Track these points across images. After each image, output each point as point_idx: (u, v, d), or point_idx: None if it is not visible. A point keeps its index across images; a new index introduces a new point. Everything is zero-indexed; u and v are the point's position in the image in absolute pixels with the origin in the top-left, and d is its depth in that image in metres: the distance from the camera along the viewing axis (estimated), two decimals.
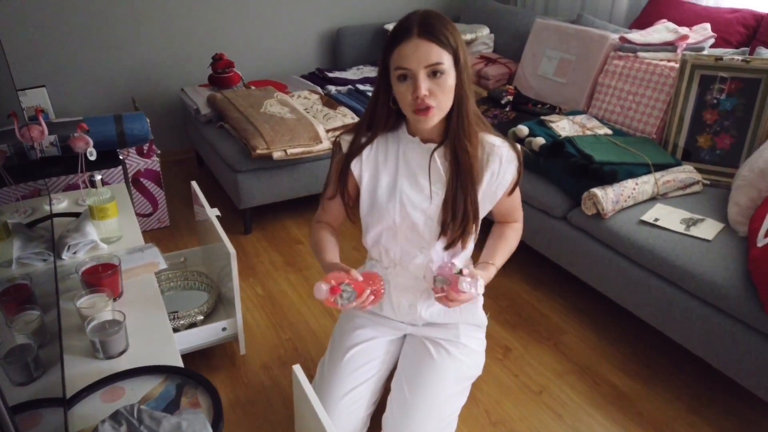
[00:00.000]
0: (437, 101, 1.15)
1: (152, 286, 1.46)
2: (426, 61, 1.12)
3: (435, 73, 1.13)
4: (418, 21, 1.13)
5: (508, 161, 1.29)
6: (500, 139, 1.29)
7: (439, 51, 1.12)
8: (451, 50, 1.14)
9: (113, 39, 3.11)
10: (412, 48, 1.12)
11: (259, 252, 2.57)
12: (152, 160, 2.59)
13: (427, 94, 1.14)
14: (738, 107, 2.14)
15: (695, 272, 1.71)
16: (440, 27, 1.13)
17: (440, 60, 1.12)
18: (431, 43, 1.12)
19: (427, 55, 1.11)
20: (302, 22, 3.57)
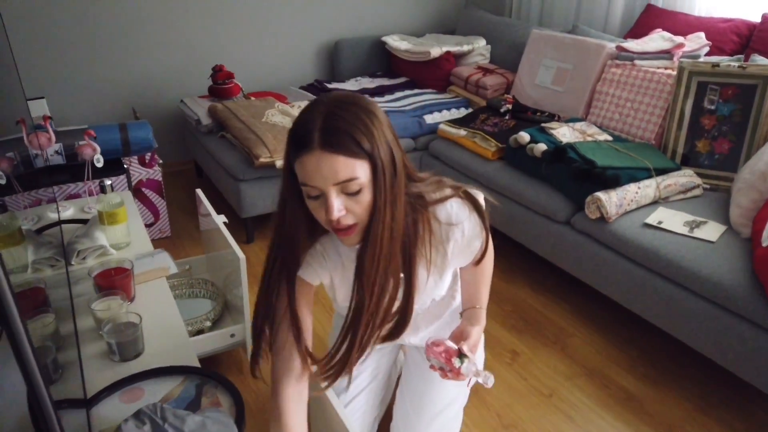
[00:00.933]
0: (357, 218, 0.93)
1: (164, 290, 1.45)
2: (334, 179, 0.88)
3: (348, 189, 0.90)
4: (320, 125, 0.87)
5: (471, 237, 1.09)
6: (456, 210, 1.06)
7: (348, 164, 0.87)
8: (366, 157, 0.89)
9: (113, 50, 3.12)
10: (314, 163, 0.87)
11: (262, 261, 2.55)
12: (154, 170, 2.59)
13: (343, 213, 0.91)
14: (735, 112, 2.18)
15: (701, 273, 1.73)
16: (350, 130, 0.87)
17: (352, 176, 0.88)
18: (337, 155, 0.87)
19: (334, 171, 0.87)
20: (300, 34, 3.60)
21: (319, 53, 3.71)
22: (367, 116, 0.91)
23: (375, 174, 0.91)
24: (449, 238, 1.07)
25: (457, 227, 1.06)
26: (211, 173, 2.93)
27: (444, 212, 1.05)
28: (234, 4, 3.34)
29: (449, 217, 1.05)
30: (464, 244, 1.10)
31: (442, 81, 3.36)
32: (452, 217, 1.06)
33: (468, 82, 3.20)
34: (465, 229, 1.07)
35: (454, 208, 1.06)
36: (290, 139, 0.93)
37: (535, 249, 2.32)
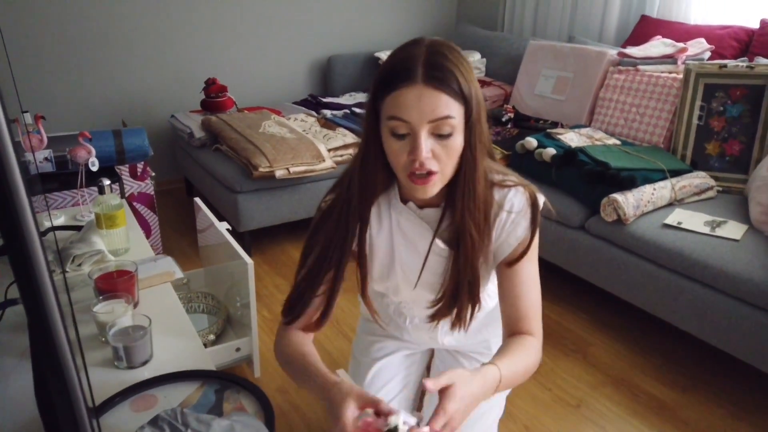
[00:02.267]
0: (441, 166, 0.87)
1: (170, 295, 1.33)
2: (431, 115, 0.83)
3: (440, 134, 0.85)
4: (424, 60, 0.83)
5: (518, 213, 0.96)
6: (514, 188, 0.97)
7: (448, 102, 0.83)
8: (464, 101, 0.85)
9: (102, 65, 3.02)
10: (414, 97, 0.82)
11: (261, 276, 2.44)
12: (146, 183, 2.46)
13: (429, 156, 0.85)
14: (744, 113, 2.16)
15: (730, 272, 1.67)
16: (453, 69, 0.84)
17: (449, 113, 0.83)
18: (439, 92, 0.82)
19: (433, 107, 0.82)
20: (293, 49, 3.55)
21: (312, 68, 3.66)
22: (466, 62, 0.87)
23: (469, 121, 0.86)
24: (498, 221, 0.98)
25: (508, 214, 0.97)
26: (205, 188, 2.82)
27: (503, 196, 0.97)
28: (226, 20, 3.28)
29: (508, 204, 0.96)
30: (510, 229, 0.98)
31: None
32: (511, 204, 0.97)
33: None
34: (514, 205, 0.97)
35: (516, 200, 0.96)
36: (385, 73, 0.87)
37: (548, 257, 2.24)
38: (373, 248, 1.05)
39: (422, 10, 3.89)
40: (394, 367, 1.34)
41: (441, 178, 0.89)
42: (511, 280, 0.98)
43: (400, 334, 1.29)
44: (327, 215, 0.99)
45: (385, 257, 1.06)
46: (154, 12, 3.07)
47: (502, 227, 0.97)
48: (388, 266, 1.07)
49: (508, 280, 0.98)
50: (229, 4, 3.26)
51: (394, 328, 1.27)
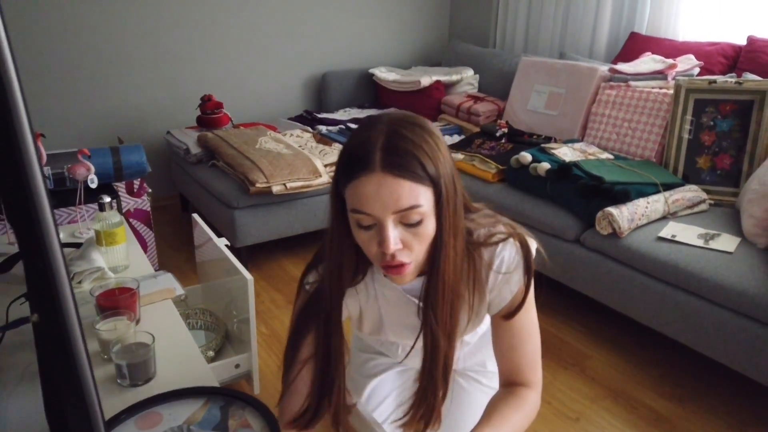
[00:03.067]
0: (414, 255, 0.81)
1: (172, 312, 1.33)
2: (395, 207, 0.76)
3: (409, 220, 0.78)
4: (381, 144, 0.76)
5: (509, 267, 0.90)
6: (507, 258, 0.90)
7: (412, 190, 0.76)
8: (431, 183, 0.78)
9: (98, 82, 3.03)
10: (374, 187, 0.75)
11: (258, 291, 2.44)
12: (142, 200, 2.47)
13: (399, 248, 0.79)
14: (734, 128, 2.20)
15: (725, 283, 1.69)
16: (415, 151, 0.76)
17: (415, 202, 0.76)
18: (401, 180, 0.75)
19: (395, 198, 0.76)
20: (288, 66, 3.58)
21: (307, 85, 3.69)
22: (431, 137, 0.79)
23: (439, 203, 0.79)
24: (489, 281, 0.92)
25: (496, 274, 0.91)
26: (201, 204, 2.82)
27: (492, 255, 0.90)
28: (222, 37, 3.31)
29: (498, 265, 0.90)
30: (501, 285, 0.92)
31: (432, 110, 3.36)
32: (501, 264, 0.90)
33: (459, 110, 3.20)
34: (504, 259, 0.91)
35: (506, 254, 0.90)
36: (344, 160, 0.80)
37: (544, 271, 2.25)
38: (363, 315, 1.03)
39: (415, 27, 3.94)
40: (389, 384, 1.32)
41: (415, 266, 0.84)
42: (507, 333, 0.94)
43: (395, 357, 1.28)
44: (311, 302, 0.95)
45: (376, 323, 1.04)
46: (149, 29, 3.09)
47: (493, 286, 0.92)
48: (378, 329, 1.05)
49: (504, 333, 0.94)
50: (225, 22, 3.29)
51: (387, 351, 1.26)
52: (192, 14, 3.18)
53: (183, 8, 3.15)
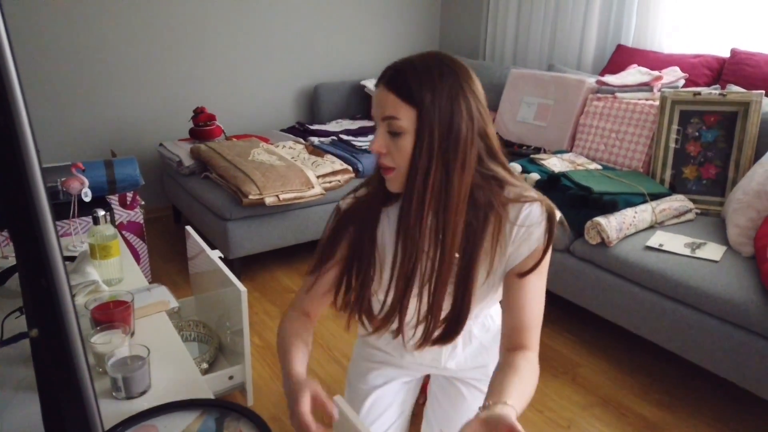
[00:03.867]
0: (396, 162, 0.93)
1: (166, 325, 1.34)
2: (381, 113, 0.92)
3: (391, 128, 0.92)
4: (395, 65, 0.94)
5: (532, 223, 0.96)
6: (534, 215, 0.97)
7: (396, 104, 0.90)
8: (415, 106, 0.89)
9: (90, 94, 3.04)
10: (376, 96, 0.94)
11: (252, 303, 2.44)
12: (135, 212, 2.48)
13: (383, 152, 0.94)
14: (719, 138, 2.25)
15: (711, 292, 1.72)
16: (412, 76, 0.90)
17: (394, 114, 0.90)
18: (389, 93, 0.91)
19: (382, 106, 0.92)
20: (281, 78, 3.61)
21: (299, 96, 3.72)
22: (440, 73, 0.90)
23: (421, 125, 0.90)
24: (513, 237, 0.98)
25: (520, 228, 0.97)
26: (193, 216, 2.83)
27: (520, 212, 0.97)
28: (213, 49, 3.33)
29: (523, 219, 0.96)
30: (522, 240, 0.97)
31: None
32: (526, 219, 0.96)
33: None
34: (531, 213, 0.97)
35: (531, 211, 0.96)
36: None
37: None
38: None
39: (406, 39, 3.98)
40: (390, 396, 1.33)
41: (398, 174, 0.94)
42: (519, 291, 0.99)
43: (400, 357, 1.27)
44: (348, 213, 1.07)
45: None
46: (142, 42, 3.11)
47: (515, 239, 0.97)
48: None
49: (516, 291, 0.99)
50: (217, 35, 3.32)
51: (393, 350, 1.27)
52: (185, 27, 3.21)
53: (175, 21, 3.18)
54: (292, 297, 2.50)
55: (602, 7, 3.14)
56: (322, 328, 2.26)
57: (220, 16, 3.30)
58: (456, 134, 0.91)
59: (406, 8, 3.94)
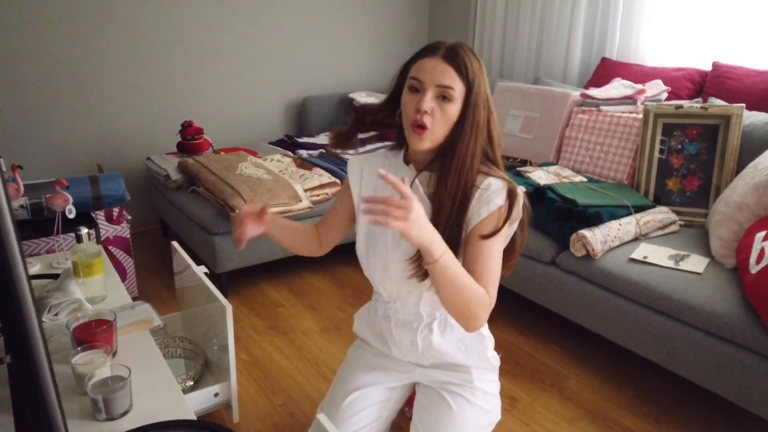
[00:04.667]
0: (434, 124, 1.12)
1: (149, 344, 1.34)
2: (439, 80, 1.11)
3: (444, 97, 1.12)
4: (447, 45, 1.14)
5: (493, 191, 1.14)
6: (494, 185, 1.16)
7: (454, 76, 1.11)
8: (467, 82, 1.12)
9: (77, 107, 3.03)
10: (432, 65, 1.12)
11: (239, 318, 2.43)
12: (121, 227, 2.46)
13: (428, 112, 1.11)
14: (702, 151, 2.28)
15: (694, 304, 1.73)
16: (465, 57, 1.13)
17: (452, 85, 1.11)
18: (450, 66, 1.11)
19: (442, 75, 1.11)
20: (269, 91, 3.62)
21: (288, 109, 3.73)
22: (480, 62, 1.15)
23: (468, 99, 1.12)
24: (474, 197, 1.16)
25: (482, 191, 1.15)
26: (181, 230, 2.82)
27: (483, 180, 1.15)
28: (201, 62, 3.34)
29: (485, 186, 1.15)
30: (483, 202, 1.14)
31: None
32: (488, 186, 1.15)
33: None
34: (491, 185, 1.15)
35: (493, 182, 1.15)
36: (421, 49, 1.18)
37: (521, 292, 2.29)
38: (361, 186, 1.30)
39: (394, 52, 4.01)
40: (371, 398, 1.38)
41: (431, 135, 1.13)
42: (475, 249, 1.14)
43: (387, 350, 1.39)
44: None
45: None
46: (128, 55, 3.11)
47: (476, 202, 1.15)
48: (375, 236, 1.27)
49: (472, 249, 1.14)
50: (205, 47, 3.33)
51: (383, 344, 1.39)
52: (172, 40, 3.22)
53: (163, 34, 3.18)
54: (281, 311, 2.49)
55: (587, 21, 3.18)
56: (310, 343, 2.25)
57: (208, 28, 3.31)
58: (486, 114, 1.14)
59: (394, 22, 3.97)
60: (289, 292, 2.66)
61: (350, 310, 2.48)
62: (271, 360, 2.14)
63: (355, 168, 1.34)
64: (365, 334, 1.47)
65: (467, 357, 1.37)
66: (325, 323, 2.40)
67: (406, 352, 1.38)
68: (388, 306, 1.36)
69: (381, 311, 1.38)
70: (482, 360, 1.40)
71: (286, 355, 2.17)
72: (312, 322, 2.41)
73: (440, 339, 1.32)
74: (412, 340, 1.35)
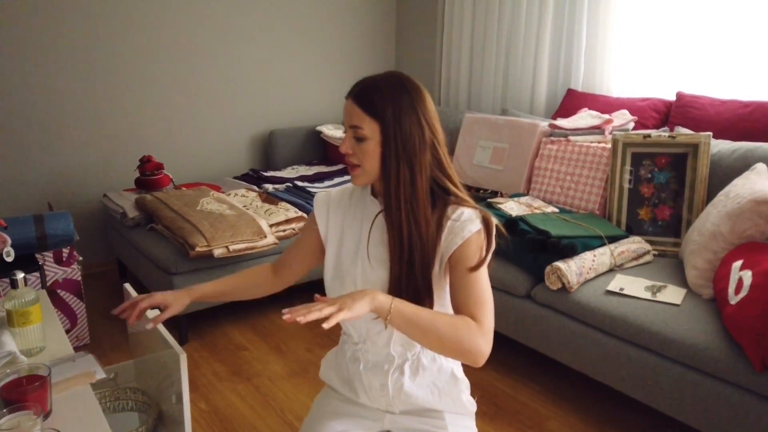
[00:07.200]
0: (363, 161, 1.13)
1: (89, 400, 1.20)
2: (349, 121, 1.12)
3: (355, 134, 1.12)
4: (359, 84, 1.14)
5: (466, 220, 1.11)
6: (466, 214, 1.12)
7: (362, 116, 1.11)
8: (379, 119, 1.10)
9: (27, 142, 2.88)
10: (347, 106, 1.14)
11: (199, 363, 2.28)
12: (72, 269, 2.31)
13: (349, 152, 1.14)
14: (671, 180, 2.27)
15: (674, 337, 1.68)
16: (374, 95, 1.11)
17: (360, 125, 1.11)
18: (356, 106, 1.12)
19: (350, 116, 1.12)
20: (234, 124, 3.53)
21: (253, 143, 3.64)
22: (400, 92, 1.11)
23: (384, 134, 1.10)
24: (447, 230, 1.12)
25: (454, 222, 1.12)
26: (139, 270, 2.67)
27: (455, 211, 1.13)
28: (162, 94, 3.24)
29: (458, 216, 1.12)
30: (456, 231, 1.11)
31: None
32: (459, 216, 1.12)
33: None
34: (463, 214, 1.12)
35: (465, 211, 1.12)
36: None
37: (496, 327, 2.19)
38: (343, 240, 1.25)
39: None
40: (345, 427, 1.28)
41: (363, 173, 1.13)
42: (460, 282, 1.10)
43: (355, 396, 1.30)
44: None
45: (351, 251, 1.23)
46: (83, 88, 2.99)
47: (448, 232, 1.12)
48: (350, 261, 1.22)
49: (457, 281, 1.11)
50: (166, 78, 3.23)
51: (350, 390, 1.30)
52: (131, 71, 3.11)
53: (121, 64, 3.08)
54: (245, 355, 2.35)
55: (551, 53, 3.21)
56: (276, 389, 2.11)
57: (168, 59, 3.22)
58: (412, 143, 1.10)
59: (360, 55, 3.95)
60: (254, 333, 2.52)
61: (319, 351, 2.36)
62: (233, 409, 1.99)
63: (321, 203, 1.29)
64: (332, 380, 1.37)
65: (441, 401, 1.29)
66: (292, 366, 2.26)
67: (375, 398, 1.29)
68: (358, 347, 1.28)
69: (350, 353, 1.29)
70: (457, 404, 1.31)
71: (250, 404, 2.02)
72: (278, 365, 2.27)
73: (411, 383, 1.24)
74: (382, 384, 1.26)
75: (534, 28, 3.22)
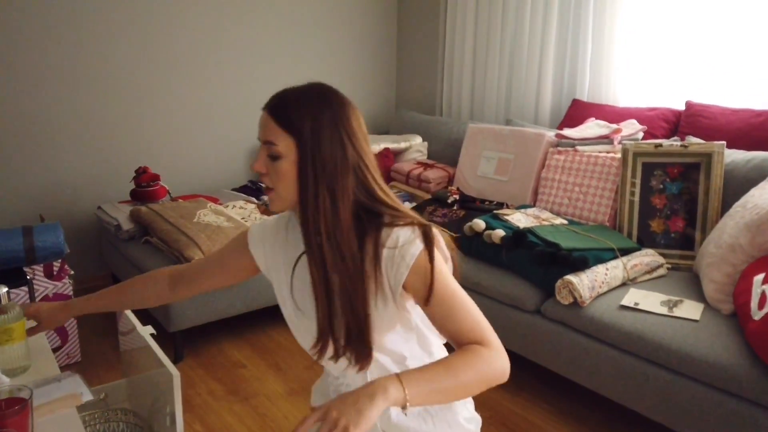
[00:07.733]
0: (276, 184, 0.97)
1: (74, 424, 1.11)
2: (262, 136, 0.97)
3: (269, 152, 0.95)
4: (277, 95, 0.99)
5: (404, 244, 0.95)
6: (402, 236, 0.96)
7: (274, 131, 0.95)
8: (295, 135, 0.94)
9: (18, 153, 2.81)
10: (261, 118, 0.98)
11: (195, 382, 2.19)
12: (63, 283, 2.22)
13: (263, 171, 0.97)
14: (684, 190, 2.20)
15: (695, 355, 1.59)
16: (291, 108, 0.96)
17: (273, 140, 0.95)
18: (270, 119, 0.96)
19: (263, 129, 0.97)
20: (232, 135, 3.46)
21: (252, 154, 3.57)
22: (320, 106, 0.96)
23: (300, 152, 0.95)
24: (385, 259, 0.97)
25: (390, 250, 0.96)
26: None
27: (389, 236, 0.97)
28: (159, 104, 3.17)
29: (393, 242, 0.96)
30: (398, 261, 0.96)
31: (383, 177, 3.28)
32: (396, 241, 0.96)
33: (410, 177, 3.14)
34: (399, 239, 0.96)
35: (400, 233, 0.96)
36: None
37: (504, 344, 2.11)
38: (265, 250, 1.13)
39: (362, 96, 3.93)
40: None
41: (277, 197, 0.98)
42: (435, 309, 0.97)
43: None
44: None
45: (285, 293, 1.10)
46: (77, 97, 2.92)
47: (388, 261, 0.97)
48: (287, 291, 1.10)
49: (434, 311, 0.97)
50: (162, 88, 3.17)
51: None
52: (127, 81, 3.05)
53: (114, 73, 3.01)
54: (241, 372, 2.26)
55: (556, 63, 3.15)
56: (274, 409, 2.02)
57: (165, 69, 3.16)
58: (333, 164, 0.95)
59: (362, 66, 3.90)
60: (252, 350, 2.43)
61: (319, 369, 2.25)
62: (230, 430, 1.90)
63: (257, 241, 1.14)
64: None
65: (435, 428, 1.17)
66: (291, 385, 2.17)
67: None
68: (339, 382, 1.18)
69: (332, 387, 1.20)
70: (453, 428, 1.19)
71: (247, 425, 1.93)
72: (277, 384, 2.18)
73: (398, 414, 1.12)
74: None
75: (538, 37, 3.17)
